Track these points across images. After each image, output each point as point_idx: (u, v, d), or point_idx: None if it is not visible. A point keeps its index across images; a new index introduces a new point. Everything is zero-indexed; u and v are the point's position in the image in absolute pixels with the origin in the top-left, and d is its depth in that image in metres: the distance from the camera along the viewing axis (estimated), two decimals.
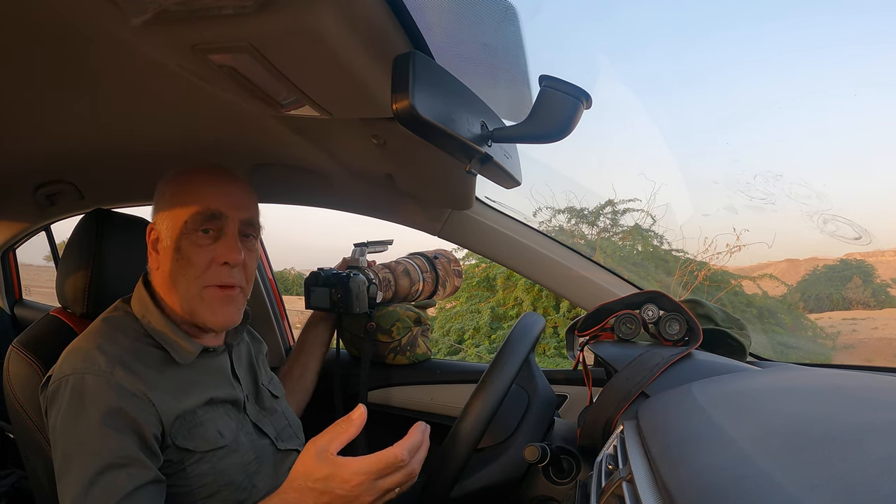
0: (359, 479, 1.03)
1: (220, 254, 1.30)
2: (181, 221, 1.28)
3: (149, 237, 1.35)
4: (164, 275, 1.31)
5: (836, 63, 10.52)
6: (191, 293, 1.29)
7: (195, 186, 1.32)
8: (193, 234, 1.28)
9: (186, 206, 1.29)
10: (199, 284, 1.29)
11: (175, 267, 1.29)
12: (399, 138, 1.30)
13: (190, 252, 1.28)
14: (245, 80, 1.01)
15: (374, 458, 1.05)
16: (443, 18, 1.02)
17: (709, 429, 0.86)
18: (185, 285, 1.29)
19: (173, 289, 1.31)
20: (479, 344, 6.87)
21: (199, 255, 1.29)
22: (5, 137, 1.58)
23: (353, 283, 1.63)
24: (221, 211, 1.30)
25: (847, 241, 4.93)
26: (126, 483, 1.10)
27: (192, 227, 1.28)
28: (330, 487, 1.04)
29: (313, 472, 1.05)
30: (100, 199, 2.10)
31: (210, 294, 1.30)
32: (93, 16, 0.89)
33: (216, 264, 1.30)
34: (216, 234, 1.31)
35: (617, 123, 11.10)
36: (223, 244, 1.30)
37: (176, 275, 1.29)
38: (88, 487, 1.09)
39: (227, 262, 1.30)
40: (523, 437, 1.46)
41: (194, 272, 1.29)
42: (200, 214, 1.28)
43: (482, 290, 7.54)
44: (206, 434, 1.27)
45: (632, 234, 7.16)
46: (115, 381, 1.17)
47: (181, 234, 1.28)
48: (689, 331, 1.40)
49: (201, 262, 1.29)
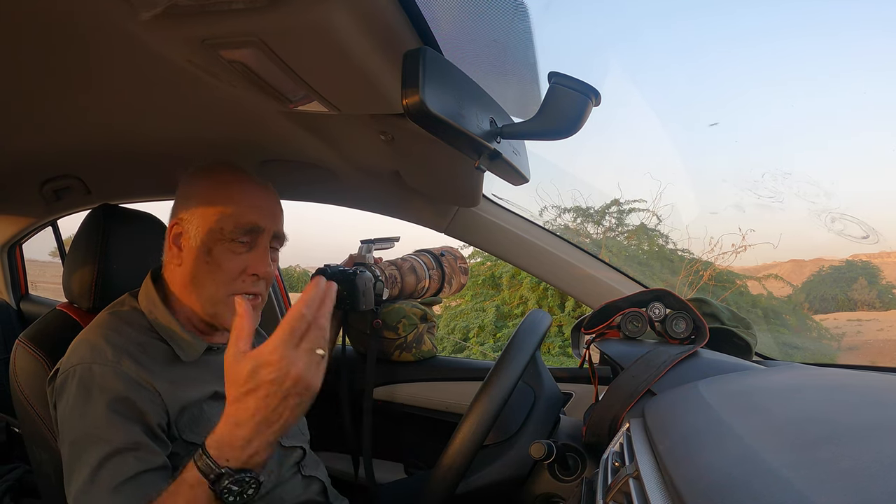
0: (278, 353, 0.98)
1: (252, 265, 1.31)
2: (217, 226, 1.28)
3: (170, 231, 1.34)
4: (186, 272, 1.31)
5: (847, 60, 10.48)
6: (218, 297, 1.30)
7: (236, 194, 1.32)
8: (229, 241, 1.29)
9: (225, 212, 1.29)
10: (227, 290, 1.30)
11: (202, 268, 1.29)
12: (407, 135, 1.30)
13: (222, 258, 1.29)
14: (254, 75, 1.01)
15: (278, 328, 1.00)
16: (452, 15, 1.02)
17: (716, 426, 0.86)
18: (213, 288, 1.30)
19: (195, 288, 1.31)
20: (484, 342, 6.87)
21: (231, 263, 1.30)
22: (12, 132, 1.58)
23: (360, 280, 1.63)
24: (261, 226, 1.32)
25: (855, 240, 4.91)
26: (134, 465, 1.10)
27: (230, 235, 1.29)
28: (260, 379, 0.98)
29: (238, 376, 0.99)
30: (106, 195, 2.10)
31: (232, 301, 1.29)
32: (102, 10, 0.89)
33: (246, 274, 1.31)
34: (250, 244, 1.32)
35: (624, 121, 11.08)
36: (255, 256, 1.32)
37: (201, 275, 1.30)
38: (96, 470, 1.09)
39: (257, 273, 1.32)
40: (529, 434, 1.46)
41: (224, 278, 1.30)
42: (241, 226, 1.29)
43: (487, 288, 7.54)
44: (213, 428, 1.27)
45: (637, 233, 7.15)
46: (122, 371, 1.17)
47: (215, 239, 1.28)
48: (695, 329, 1.40)
49: (233, 270, 1.30)
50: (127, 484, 1.08)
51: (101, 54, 1.09)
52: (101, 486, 1.08)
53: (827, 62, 11.19)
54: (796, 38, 10.72)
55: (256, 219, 1.31)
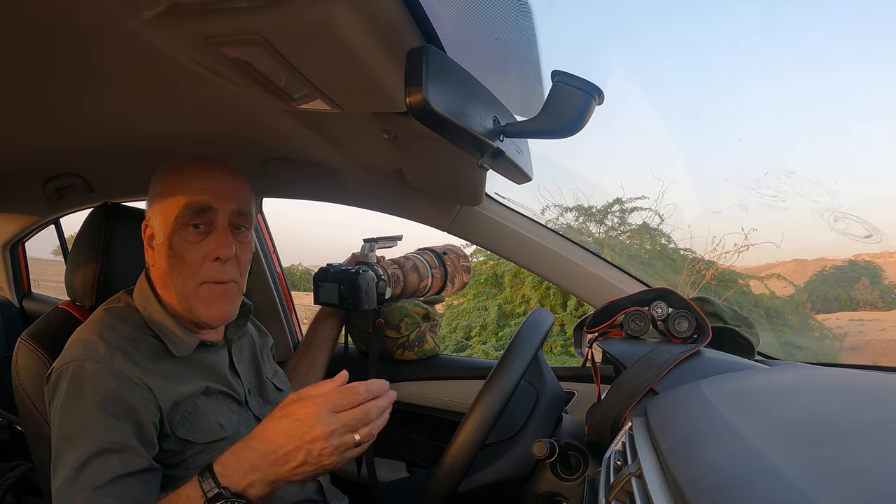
0: (317, 403, 1.05)
1: (212, 249, 1.29)
2: (171, 217, 1.28)
3: (144, 233, 1.35)
4: (161, 272, 1.32)
5: (851, 57, 10.48)
6: (187, 290, 1.30)
7: (183, 179, 1.31)
8: (184, 230, 1.28)
9: (175, 201, 1.28)
10: (194, 282, 1.30)
11: (170, 264, 1.29)
12: (410, 133, 1.30)
13: (183, 249, 1.29)
14: (257, 73, 1.01)
15: (331, 383, 1.09)
16: (455, 13, 1.02)
17: (719, 425, 0.86)
18: (181, 283, 1.30)
19: (170, 285, 1.31)
20: (486, 341, 6.87)
21: (191, 253, 1.29)
22: (15, 130, 1.59)
23: (362, 279, 1.63)
24: (210, 203, 1.29)
25: (858, 240, 4.90)
26: (118, 467, 1.10)
27: (183, 222, 1.28)
28: (291, 410, 1.06)
29: (284, 403, 1.10)
30: (109, 193, 2.10)
31: (206, 290, 1.31)
32: (104, 9, 0.89)
33: (209, 260, 1.30)
34: (207, 228, 1.30)
35: (627, 120, 11.08)
36: (213, 239, 1.30)
37: (171, 272, 1.30)
38: (80, 469, 1.09)
39: (219, 257, 1.30)
40: (531, 433, 1.46)
41: (188, 270, 1.29)
42: (189, 208, 1.28)
43: (490, 287, 7.54)
44: (207, 426, 1.27)
45: (640, 232, 7.15)
46: (114, 368, 1.18)
47: (173, 231, 1.28)
48: (698, 328, 1.40)
49: (195, 260, 1.29)
50: (108, 486, 1.09)
51: (104, 53, 1.09)
52: (83, 484, 1.09)
53: (830, 60, 11.19)
54: (800, 35, 10.72)
55: (204, 198, 1.29)
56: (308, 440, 1.03)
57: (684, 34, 12.16)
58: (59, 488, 1.10)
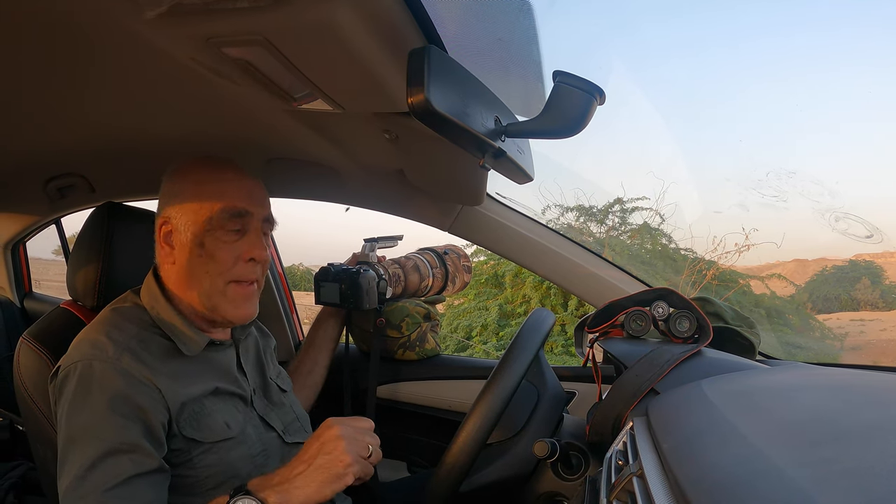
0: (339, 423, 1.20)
1: (246, 250, 1.32)
2: (206, 216, 1.29)
3: (159, 231, 1.35)
4: (181, 269, 1.32)
5: (852, 59, 10.47)
6: (215, 288, 1.31)
7: (219, 183, 1.32)
8: (219, 230, 1.30)
9: (211, 203, 1.30)
10: (223, 279, 1.31)
11: (196, 262, 1.30)
12: (411, 133, 1.30)
13: (214, 248, 1.30)
14: (258, 73, 1.01)
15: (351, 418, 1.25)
16: (457, 13, 1.02)
17: (720, 425, 0.86)
18: (209, 281, 1.30)
19: (193, 284, 1.31)
20: (487, 341, 6.87)
21: (224, 252, 1.30)
22: (16, 130, 1.59)
23: (363, 278, 1.63)
24: (248, 209, 1.32)
25: (859, 240, 4.91)
26: (128, 468, 1.10)
27: (218, 223, 1.29)
28: (319, 434, 1.20)
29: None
30: (111, 193, 2.10)
31: (233, 290, 1.32)
32: (106, 9, 0.89)
33: (241, 261, 1.32)
34: (242, 231, 1.33)
35: (628, 120, 11.08)
36: (248, 241, 1.33)
37: (197, 270, 1.30)
38: (89, 470, 1.09)
39: (254, 258, 1.33)
40: (532, 432, 1.46)
41: (218, 268, 1.30)
42: (227, 212, 1.30)
43: (491, 287, 7.54)
44: (214, 425, 1.27)
45: (641, 232, 7.15)
46: (122, 368, 1.17)
47: (205, 231, 1.29)
48: (699, 328, 1.40)
49: (227, 259, 1.31)
50: (119, 487, 1.09)
51: (106, 53, 1.09)
52: (92, 485, 1.08)
53: (830, 59, 11.18)
54: (800, 35, 10.72)
55: (243, 203, 1.32)
56: (326, 440, 1.17)
57: (685, 34, 12.16)
58: (68, 488, 1.09)
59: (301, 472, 1.13)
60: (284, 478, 1.13)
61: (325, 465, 1.13)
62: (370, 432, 1.23)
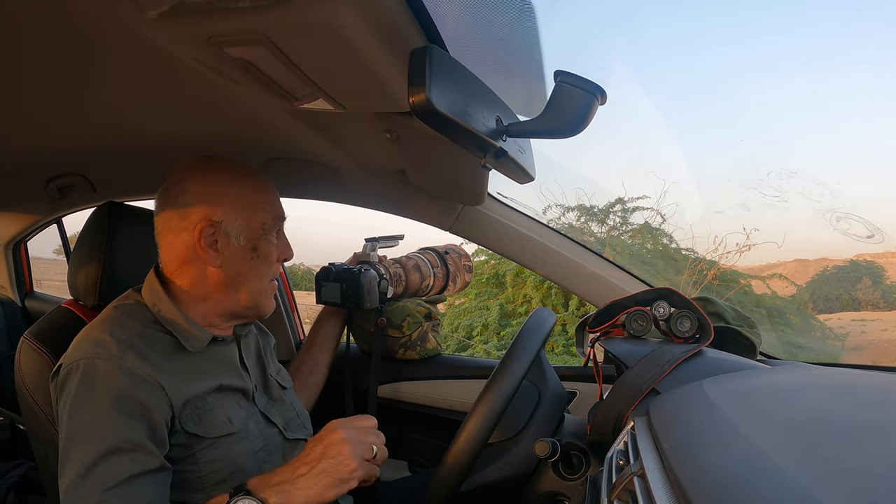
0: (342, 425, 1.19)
1: (283, 252, 1.46)
2: (259, 222, 1.37)
3: (198, 234, 1.31)
4: (228, 272, 1.35)
5: (853, 57, 10.46)
6: (262, 287, 1.41)
7: (264, 192, 1.41)
8: (269, 234, 1.40)
9: (263, 210, 1.38)
10: (268, 278, 1.43)
11: (249, 265, 1.37)
12: (412, 133, 1.30)
13: (267, 251, 1.39)
14: (260, 73, 1.01)
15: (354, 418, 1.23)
16: (458, 13, 1.02)
17: (721, 425, 0.86)
18: (259, 281, 1.40)
19: (239, 286, 1.37)
20: (488, 341, 6.86)
21: (273, 255, 1.41)
22: (17, 130, 1.59)
23: (364, 278, 1.63)
24: (284, 215, 1.45)
25: (860, 240, 4.89)
26: (129, 467, 1.10)
27: (269, 229, 1.39)
28: (323, 437, 1.18)
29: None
30: (111, 192, 2.10)
31: (270, 287, 1.45)
32: (108, 8, 0.89)
33: (278, 261, 1.45)
34: (277, 234, 1.44)
35: (628, 119, 11.07)
36: (283, 243, 1.46)
37: (247, 272, 1.37)
38: (90, 468, 1.09)
39: (287, 258, 1.49)
40: (533, 432, 1.46)
41: (268, 269, 1.42)
42: (276, 219, 1.42)
43: (491, 286, 7.52)
44: (216, 420, 1.28)
45: (642, 232, 7.14)
46: (125, 366, 1.17)
47: (259, 235, 1.37)
48: (700, 328, 1.40)
49: (273, 261, 1.42)
50: (120, 486, 1.09)
51: (107, 52, 1.09)
52: (93, 484, 1.08)
53: (831, 59, 11.17)
54: (800, 34, 10.71)
55: (281, 210, 1.44)
56: (330, 443, 1.16)
57: (685, 32, 12.15)
58: (69, 487, 1.10)
59: (303, 474, 1.12)
60: (285, 478, 1.12)
61: (329, 470, 1.13)
62: (374, 431, 1.22)
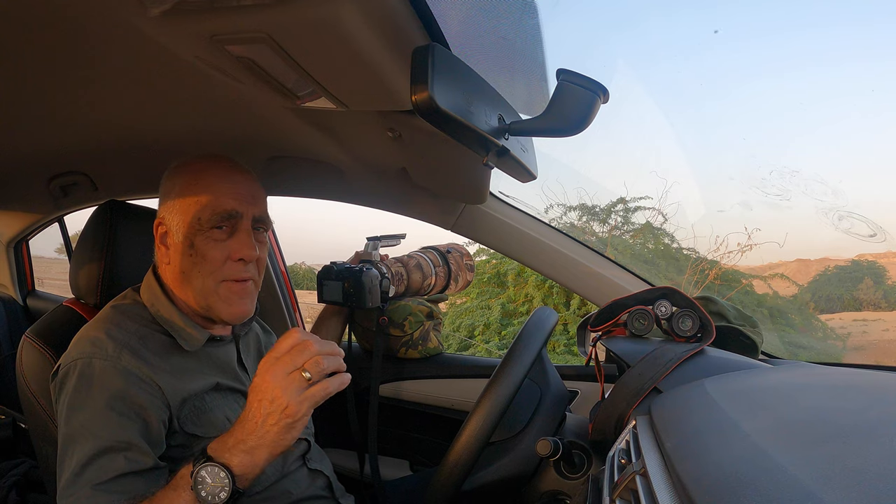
0: (267, 364, 1.05)
1: (236, 250, 1.30)
2: (195, 217, 1.29)
3: (156, 231, 1.35)
4: (176, 270, 1.32)
5: (855, 56, 10.45)
6: (207, 288, 1.30)
7: (207, 182, 1.31)
8: (208, 230, 1.29)
9: (199, 203, 1.29)
10: (214, 279, 1.30)
11: (188, 262, 1.30)
12: (414, 131, 1.30)
13: (205, 248, 1.29)
14: (262, 71, 1.01)
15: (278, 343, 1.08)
16: (461, 11, 1.02)
17: (723, 424, 0.86)
18: (201, 280, 1.30)
19: (186, 283, 1.31)
20: (490, 340, 6.86)
21: (214, 251, 1.29)
22: (20, 128, 1.59)
23: (366, 277, 1.63)
24: (236, 209, 1.30)
25: (862, 239, 4.89)
26: (122, 465, 1.11)
27: (207, 224, 1.28)
28: (255, 385, 1.06)
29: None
30: (113, 191, 2.11)
31: (226, 288, 1.32)
32: (110, 7, 0.90)
33: (231, 260, 1.31)
34: (230, 230, 1.31)
35: (630, 118, 11.06)
36: (238, 241, 1.31)
37: (189, 270, 1.30)
38: (85, 466, 1.10)
39: (243, 258, 1.31)
40: (535, 431, 1.46)
41: (210, 268, 1.30)
42: (216, 214, 1.29)
43: (493, 286, 7.53)
44: (214, 420, 1.28)
45: (643, 231, 7.14)
46: (122, 366, 1.18)
47: (195, 231, 1.29)
48: (701, 327, 1.40)
49: (217, 258, 1.30)
50: (111, 482, 1.09)
51: (110, 51, 1.10)
52: (85, 480, 1.09)
53: (833, 57, 11.16)
54: (800, 33, 10.70)
55: (233, 204, 1.30)
56: (261, 391, 1.04)
57: (687, 30, 12.13)
58: (64, 486, 1.11)
59: (252, 430, 1.05)
60: (239, 438, 1.06)
61: (271, 419, 1.04)
62: (301, 348, 1.06)
